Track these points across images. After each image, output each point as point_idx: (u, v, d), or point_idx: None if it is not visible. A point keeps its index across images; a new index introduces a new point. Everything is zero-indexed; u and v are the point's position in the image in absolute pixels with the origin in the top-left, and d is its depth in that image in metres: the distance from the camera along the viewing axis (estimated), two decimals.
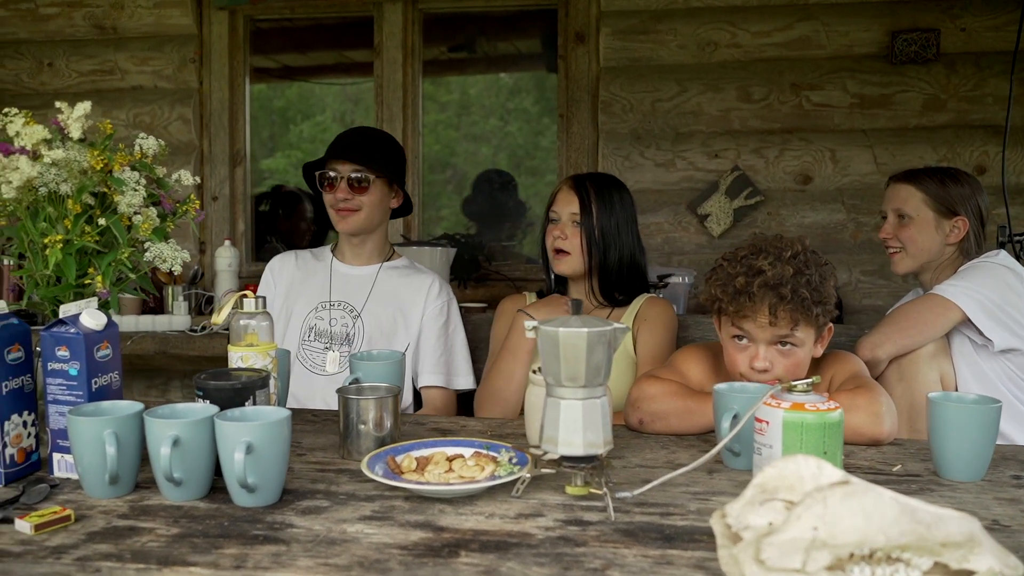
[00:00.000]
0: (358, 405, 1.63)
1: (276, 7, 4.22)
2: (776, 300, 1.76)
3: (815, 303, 1.77)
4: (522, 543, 1.22)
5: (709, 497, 1.43)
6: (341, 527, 1.28)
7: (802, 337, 1.81)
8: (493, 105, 4.70)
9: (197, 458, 1.38)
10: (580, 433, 1.37)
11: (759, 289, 1.77)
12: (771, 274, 1.77)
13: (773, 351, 1.83)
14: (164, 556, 1.17)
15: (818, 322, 1.81)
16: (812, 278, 1.78)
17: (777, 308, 1.76)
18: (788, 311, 1.77)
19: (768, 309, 1.77)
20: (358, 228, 2.48)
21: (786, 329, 1.79)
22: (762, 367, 1.82)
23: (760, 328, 1.81)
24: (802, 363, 1.85)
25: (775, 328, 1.79)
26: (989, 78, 3.62)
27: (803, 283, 1.76)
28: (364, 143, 2.47)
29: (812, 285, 1.77)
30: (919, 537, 0.97)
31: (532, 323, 1.42)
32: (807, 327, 1.81)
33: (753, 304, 1.78)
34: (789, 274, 1.77)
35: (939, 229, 2.46)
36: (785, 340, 1.81)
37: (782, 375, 1.82)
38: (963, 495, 1.47)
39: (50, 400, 1.48)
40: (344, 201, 2.44)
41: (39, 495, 1.39)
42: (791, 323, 1.78)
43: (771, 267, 1.78)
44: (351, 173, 2.43)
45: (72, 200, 1.54)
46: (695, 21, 3.79)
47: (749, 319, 1.81)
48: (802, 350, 1.83)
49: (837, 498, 0.98)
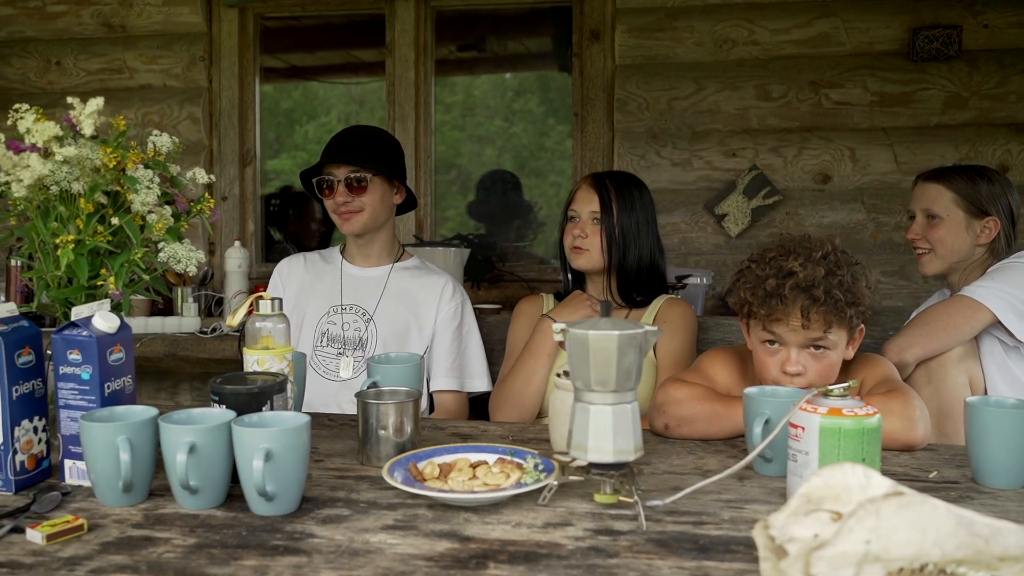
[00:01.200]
0: (378, 410, 1.58)
1: (286, 4, 4.18)
2: (809, 302, 1.71)
3: (848, 304, 1.72)
4: (552, 554, 1.18)
5: (742, 505, 1.39)
6: (364, 537, 1.24)
7: (835, 340, 1.77)
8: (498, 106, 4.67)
9: (214, 465, 1.33)
10: (610, 440, 1.32)
11: (791, 291, 1.72)
12: (803, 276, 1.72)
13: (805, 354, 1.78)
14: (181, 568, 1.13)
15: (851, 323, 1.77)
16: (844, 278, 1.73)
17: (810, 311, 1.71)
18: (822, 313, 1.72)
19: (800, 312, 1.72)
20: (363, 228, 2.44)
21: (819, 332, 1.74)
22: (795, 371, 1.77)
23: (792, 331, 1.76)
24: (835, 366, 1.80)
25: (808, 331, 1.74)
26: (1012, 75, 3.56)
27: (836, 284, 1.72)
28: (358, 143, 2.43)
29: (845, 286, 1.73)
30: (976, 551, 0.93)
31: (560, 325, 1.37)
32: (840, 329, 1.76)
33: (785, 307, 1.73)
34: (821, 275, 1.72)
35: (969, 229, 2.40)
36: (818, 343, 1.77)
37: (815, 380, 1.77)
38: (1004, 503, 1.42)
39: (61, 405, 1.44)
40: (345, 204, 2.40)
41: (51, 503, 1.35)
42: (824, 325, 1.74)
43: (802, 268, 1.73)
44: (348, 175, 2.39)
45: (84, 199, 1.50)
46: (712, 18, 3.74)
47: (781, 322, 1.76)
48: (835, 353, 1.79)
49: (891, 510, 0.93)
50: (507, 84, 4.67)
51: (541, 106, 4.49)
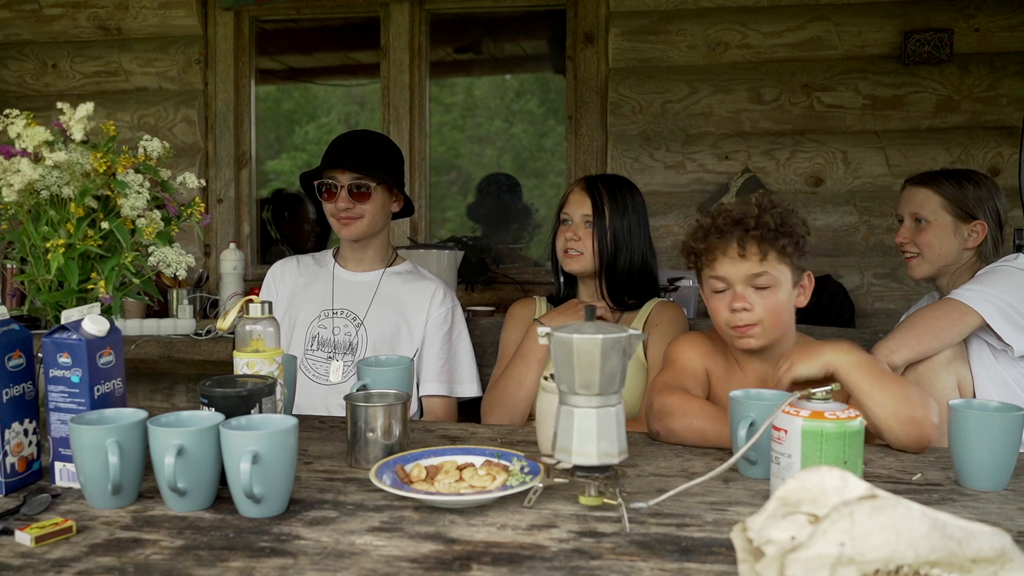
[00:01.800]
0: (366, 412, 1.60)
1: (282, 7, 4.20)
2: (742, 232, 1.81)
3: (780, 233, 1.80)
4: (535, 556, 1.19)
5: (726, 507, 1.40)
6: (349, 539, 1.25)
7: (776, 276, 1.83)
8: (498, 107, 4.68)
9: (202, 468, 1.34)
10: (594, 442, 1.34)
11: (724, 224, 1.84)
12: (736, 212, 1.85)
13: (751, 292, 1.84)
14: (168, 570, 1.14)
15: (786, 254, 1.83)
16: (775, 212, 1.83)
17: (744, 240, 1.81)
18: (755, 241, 1.81)
19: (737, 243, 1.81)
20: (361, 235, 2.45)
21: (756, 262, 1.82)
22: (740, 306, 1.83)
23: (732, 264, 1.83)
24: (783, 306, 1.86)
25: (746, 262, 1.82)
26: (1003, 79, 3.58)
27: (767, 215, 1.81)
28: (363, 150, 2.42)
29: (777, 218, 1.81)
30: (949, 553, 0.94)
31: (545, 329, 1.38)
32: (779, 263, 1.83)
33: (722, 239, 1.83)
34: (753, 212, 1.82)
35: (957, 233, 2.42)
36: (759, 278, 1.83)
37: (764, 317, 1.83)
38: (986, 505, 1.43)
39: (52, 408, 1.45)
40: (346, 210, 2.40)
41: (40, 505, 1.36)
42: (760, 254, 1.81)
43: (738, 208, 1.85)
44: (352, 182, 2.39)
45: (74, 203, 1.51)
46: (705, 21, 3.76)
47: (720, 259, 1.85)
48: (780, 291, 1.84)
49: (865, 513, 0.95)
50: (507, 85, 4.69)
51: (541, 107, 4.51)
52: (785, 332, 1.90)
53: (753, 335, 1.86)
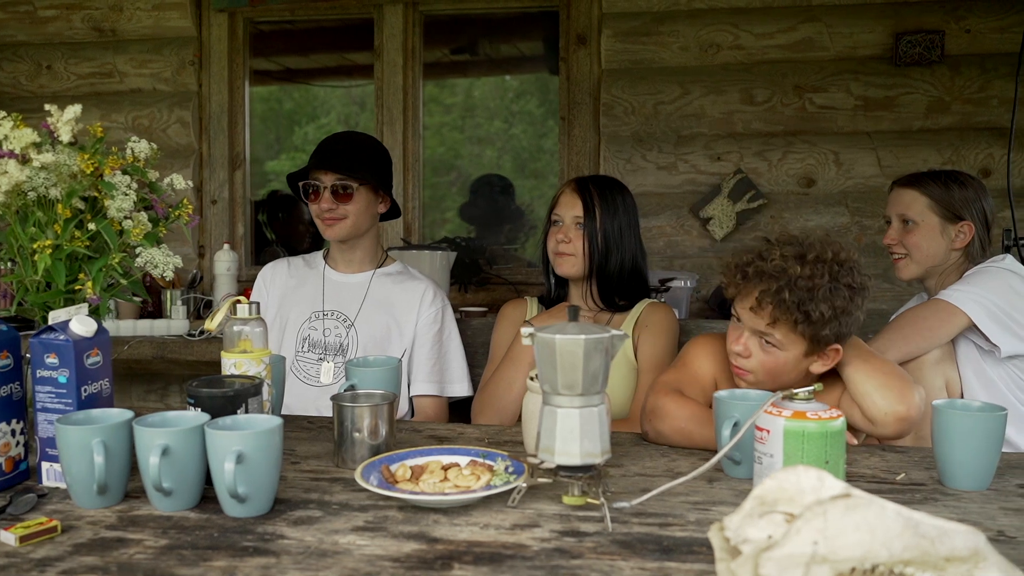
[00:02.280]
0: (353, 412, 1.60)
1: (276, 9, 4.20)
2: (763, 289, 1.73)
3: (799, 310, 1.70)
4: (517, 555, 1.20)
5: (709, 507, 1.41)
6: (333, 538, 1.26)
7: (782, 340, 1.76)
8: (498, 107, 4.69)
9: (187, 468, 1.35)
10: (577, 442, 1.34)
11: (754, 273, 1.76)
12: (772, 265, 1.73)
13: (755, 341, 1.80)
14: (151, 569, 1.15)
15: (798, 331, 1.73)
16: (816, 286, 1.69)
17: (764, 297, 1.73)
18: (770, 306, 1.72)
19: (758, 296, 1.74)
20: (345, 235, 2.45)
21: (763, 323, 1.76)
22: (738, 350, 1.81)
23: (744, 311, 1.79)
24: (782, 367, 1.79)
25: (756, 316, 1.76)
26: (994, 80, 3.59)
27: (800, 287, 1.69)
28: (346, 151, 2.43)
29: (811, 294, 1.69)
30: (923, 552, 0.95)
31: (529, 330, 1.39)
32: (789, 333, 1.75)
33: (745, 284, 1.78)
34: (794, 273, 1.70)
35: (944, 234, 2.43)
36: (764, 336, 1.78)
37: (756, 369, 1.80)
38: (968, 505, 1.44)
39: (39, 408, 1.46)
40: (329, 211, 2.41)
41: (26, 505, 1.37)
42: (769, 319, 1.74)
43: (780, 259, 1.73)
44: (335, 182, 2.40)
45: (62, 205, 1.52)
46: (697, 23, 3.77)
47: (740, 298, 1.81)
48: (783, 354, 1.78)
49: (838, 512, 0.95)
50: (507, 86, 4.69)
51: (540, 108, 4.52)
52: (788, 384, 1.75)
53: (745, 379, 1.84)
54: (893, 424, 1.73)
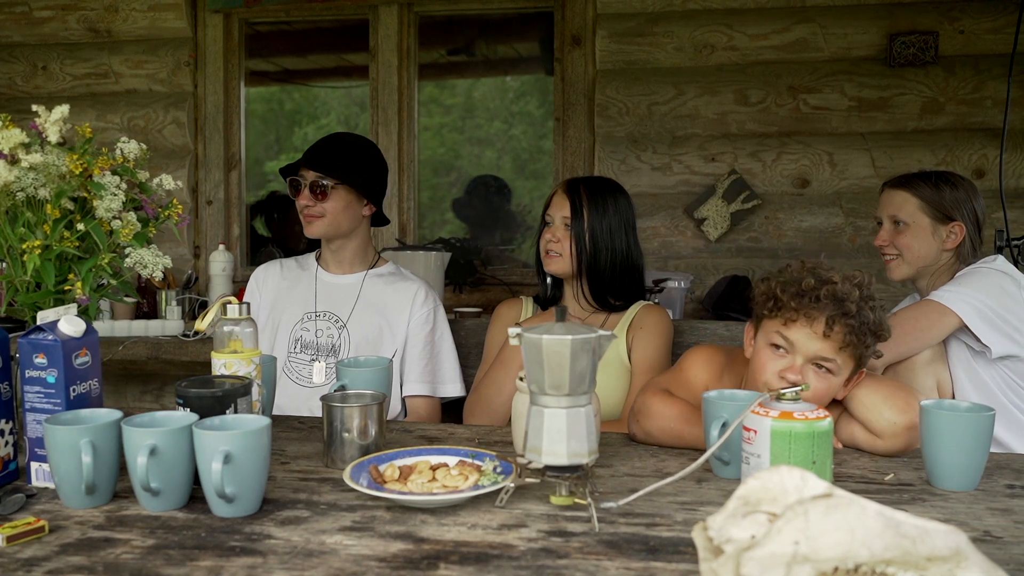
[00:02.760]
0: (342, 413, 1.61)
1: (271, 9, 4.20)
2: (839, 313, 1.69)
3: (871, 333, 1.72)
4: (503, 555, 1.20)
5: (696, 507, 1.41)
6: (320, 538, 1.26)
7: (842, 365, 1.72)
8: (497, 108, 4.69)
9: (175, 467, 1.36)
10: (564, 442, 1.35)
11: (826, 296, 1.70)
12: (840, 288, 1.70)
13: (810, 369, 1.73)
14: (137, 569, 1.15)
15: (861, 356, 1.74)
16: (876, 308, 1.73)
17: (836, 321, 1.69)
18: (845, 329, 1.69)
19: (827, 320, 1.69)
20: (322, 233, 2.47)
21: (833, 348, 1.70)
22: (794, 379, 1.71)
23: (808, 338, 1.71)
24: (831, 393, 1.75)
25: (825, 342, 1.70)
26: (988, 81, 3.60)
27: (868, 307, 1.71)
28: (329, 150, 2.45)
29: (876, 314, 1.72)
30: (904, 552, 0.95)
31: (516, 330, 1.39)
32: (850, 357, 1.72)
33: (816, 308, 1.70)
34: (856, 295, 1.70)
35: (936, 235, 2.43)
36: (827, 362, 1.72)
37: (812, 397, 1.67)
38: (955, 505, 1.44)
39: (28, 408, 1.46)
40: (307, 208, 2.43)
41: (14, 505, 1.37)
42: (842, 343, 1.70)
43: (841, 282, 1.71)
44: (313, 180, 2.42)
45: (51, 205, 1.52)
46: (692, 24, 3.77)
47: (801, 325, 1.72)
48: (836, 379, 1.74)
49: (819, 511, 0.96)
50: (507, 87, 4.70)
51: (540, 109, 4.52)
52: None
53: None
54: (903, 434, 1.70)
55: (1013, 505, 1.44)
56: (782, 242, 3.78)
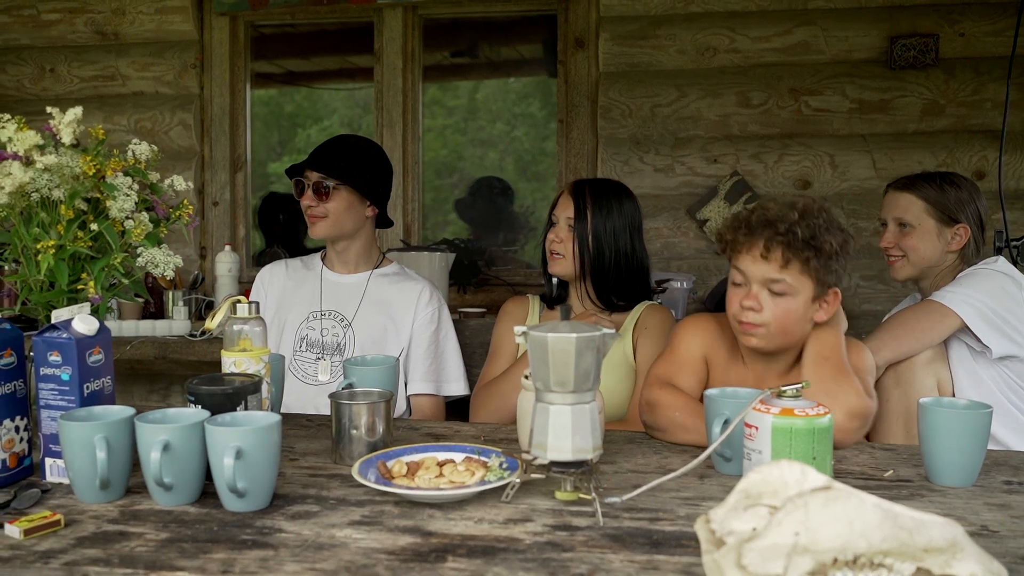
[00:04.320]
0: (350, 410, 1.63)
1: (277, 13, 4.24)
2: (771, 234, 1.79)
3: (809, 246, 1.77)
4: (509, 548, 1.23)
5: (699, 502, 1.43)
6: (330, 532, 1.28)
7: (793, 284, 1.80)
8: (500, 110, 4.70)
9: (187, 463, 1.38)
10: (569, 439, 1.37)
11: (757, 222, 1.82)
12: (774, 213, 1.82)
13: (765, 293, 1.82)
14: (152, 561, 1.17)
15: (810, 268, 1.79)
16: (815, 224, 1.78)
17: (771, 242, 1.78)
18: (780, 246, 1.78)
19: (763, 243, 1.79)
20: (325, 234, 2.50)
21: (776, 268, 1.79)
22: (750, 305, 1.82)
23: (753, 262, 1.82)
24: (794, 315, 1.83)
25: (766, 264, 1.80)
26: (988, 83, 3.62)
27: (803, 225, 1.78)
28: (333, 151, 2.48)
29: (812, 230, 1.78)
30: (901, 543, 0.98)
31: (521, 328, 1.42)
32: (800, 274, 1.80)
33: (750, 237, 1.82)
34: (793, 217, 1.79)
35: (941, 237, 2.45)
36: (776, 283, 1.80)
37: (768, 321, 1.81)
38: (953, 500, 1.47)
39: (42, 405, 1.48)
40: (310, 208, 2.46)
41: (30, 500, 1.40)
42: (782, 261, 1.79)
43: (777, 208, 1.82)
44: (316, 180, 2.45)
45: (64, 206, 1.55)
46: (694, 26, 3.80)
47: (744, 254, 1.83)
48: (795, 300, 1.81)
49: (819, 503, 0.98)
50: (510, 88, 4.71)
51: (543, 110, 4.53)
52: (794, 342, 1.88)
53: (756, 335, 1.85)
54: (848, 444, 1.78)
55: (1010, 501, 1.46)
56: None
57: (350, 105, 5.01)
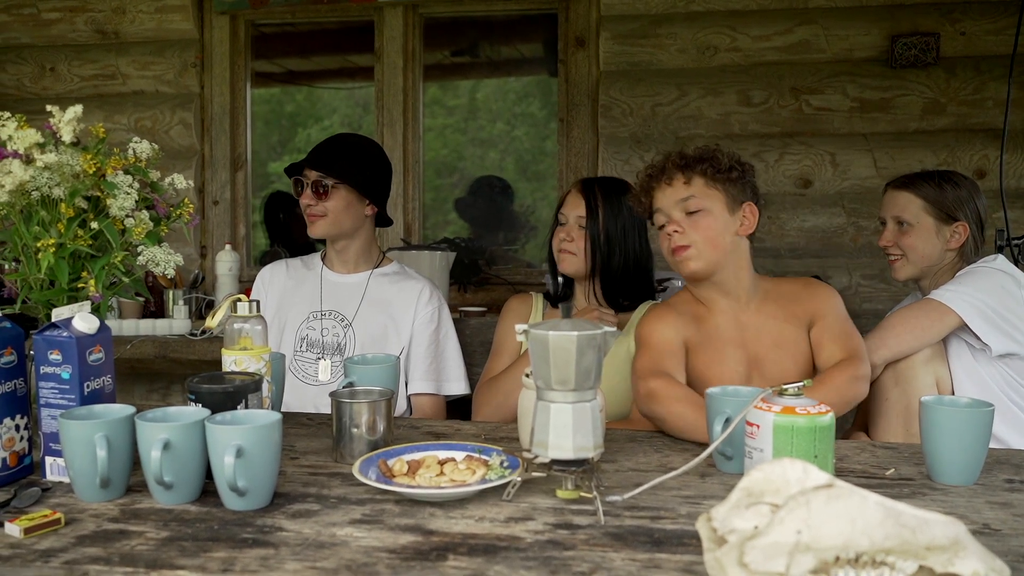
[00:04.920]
0: (351, 409, 1.63)
1: (277, 12, 4.24)
2: (668, 164, 2.01)
3: (703, 160, 1.97)
4: (511, 547, 1.23)
5: (700, 501, 1.43)
6: (331, 531, 1.28)
7: (703, 199, 1.97)
8: (500, 109, 4.70)
9: (188, 461, 1.38)
10: (570, 437, 1.37)
11: (655, 165, 2.05)
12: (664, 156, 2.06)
13: (683, 217, 1.99)
14: (152, 560, 1.17)
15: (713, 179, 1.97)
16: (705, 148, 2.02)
17: (671, 169, 1.99)
18: (677, 168, 1.98)
19: (665, 175, 2.00)
20: (324, 233, 2.49)
21: (681, 187, 1.98)
22: (673, 229, 1.99)
23: (662, 193, 2.01)
24: (715, 227, 1.98)
25: (672, 188, 1.99)
26: (989, 82, 3.62)
27: (694, 150, 2.01)
28: (331, 151, 2.48)
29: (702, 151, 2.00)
30: (903, 541, 0.97)
31: (523, 326, 1.42)
32: (706, 187, 1.97)
33: (653, 178, 2.03)
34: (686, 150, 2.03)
35: (940, 235, 2.44)
36: (687, 201, 1.97)
37: (695, 240, 1.97)
38: (955, 499, 1.46)
39: (42, 404, 1.48)
40: (309, 207, 2.46)
41: (30, 498, 1.40)
42: (684, 179, 1.98)
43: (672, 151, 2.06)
44: (315, 179, 2.45)
45: (65, 204, 1.55)
46: (695, 25, 3.79)
47: (655, 193, 2.02)
48: (710, 215, 1.98)
49: (821, 501, 0.98)
50: (510, 88, 4.71)
51: (543, 110, 4.53)
52: (726, 259, 2.02)
53: (689, 256, 1.98)
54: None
55: (1012, 499, 1.46)
56: (784, 242, 3.80)
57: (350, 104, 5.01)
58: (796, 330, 2.05)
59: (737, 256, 2.03)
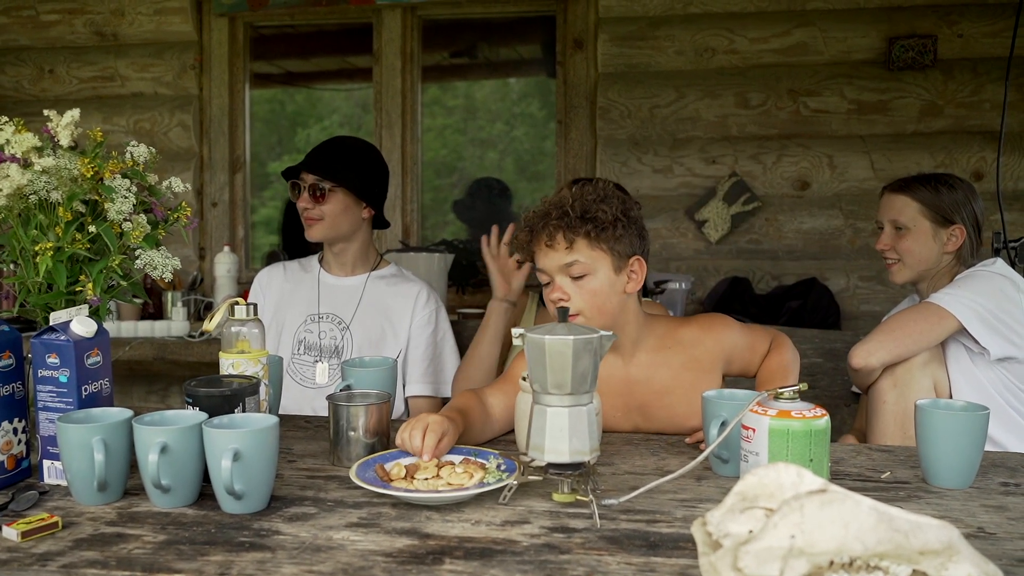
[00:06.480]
0: (348, 412, 1.63)
1: (276, 13, 4.24)
2: (547, 223, 1.80)
3: (585, 220, 1.77)
4: (507, 550, 1.23)
5: (696, 504, 1.44)
6: (327, 534, 1.29)
7: (587, 262, 1.79)
8: (499, 110, 4.71)
9: (185, 465, 1.38)
10: (567, 441, 1.37)
11: (535, 218, 1.83)
12: (547, 204, 1.83)
13: (568, 282, 1.81)
14: (149, 563, 1.18)
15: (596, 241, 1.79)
16: (586, 199, 1.80)
17: (551, 230, 1.79)
18: (559, 230, 1.79)
19: (545, 235, 1.80)
20: (321, 236, 2.50)
21: (563, 251, 1.79)
22: (557, 296, 1.81)
23: (545, 256, 1.83)
24: (602, 293, 1.82)
25: (555, 252, 1.80)
26: (986, 84, 3.63)
27: (573, 204, 1.79)
28: (328, 154, 2.48)
29: (584, 205, 1.79)
30: (897, 545, 0.98)
31: (519, 330, 1.42)
32: (589, 249, 1.79)
33: (533, 234, 1.83)
34: (564, 201, 1.80)
35: (936, 238, 2.44)
36: (571, 267, 1.80)
37: (583, 308, 1.80)
38: (950, 502, 1.47)
39: (40, 407, 1.49)
40: (306, 210, 2.46)
41: (28, 502, 1.40)
42: (566, 243, 1.78)
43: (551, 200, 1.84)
44: (312, 183, 2.45)
45: (63, 208, 1.55)
46: (693, 27, 3.80)
47: (538, 252, 1.85)
48: (596, 278, 1.81)
49: (814, 506, 0.98)
50: (509, 88, 4.72)
51: (542, 111, 4.54)
52: (615, 320, 1.86)
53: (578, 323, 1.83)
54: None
55: (1007, 503, 1.46)
56: (782, 244, 3.81)
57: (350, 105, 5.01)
58: (695, 375, 1.94)
59: (624, 313, 1.88)
